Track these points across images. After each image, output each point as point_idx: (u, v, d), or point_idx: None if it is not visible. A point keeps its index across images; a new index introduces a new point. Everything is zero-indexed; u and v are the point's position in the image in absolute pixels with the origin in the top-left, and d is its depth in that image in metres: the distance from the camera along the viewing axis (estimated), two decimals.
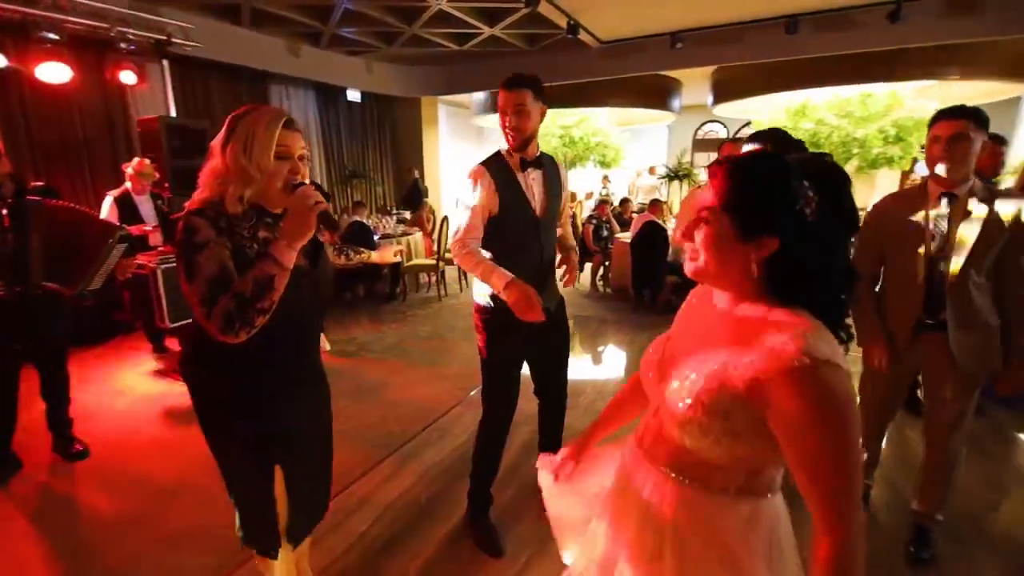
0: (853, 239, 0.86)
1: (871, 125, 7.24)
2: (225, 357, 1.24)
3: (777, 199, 0.75)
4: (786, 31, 5.62)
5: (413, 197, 8.47)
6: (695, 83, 8.49)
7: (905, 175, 8.43)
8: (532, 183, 1.89)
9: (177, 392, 3.47)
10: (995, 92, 7.08)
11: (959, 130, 1.64)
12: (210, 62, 5.70)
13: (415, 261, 6.34)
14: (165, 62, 5.21)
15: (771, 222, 0.75)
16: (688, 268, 0.85)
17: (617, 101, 8.40)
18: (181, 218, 1.16)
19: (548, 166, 1.94)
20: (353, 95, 7.98)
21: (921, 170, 7.84)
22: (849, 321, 0.87)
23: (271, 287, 1.14)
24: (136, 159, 4.02)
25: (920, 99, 7.13)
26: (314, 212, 1.16)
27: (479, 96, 9.21)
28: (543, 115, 1.86)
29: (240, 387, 1.28)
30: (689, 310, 0.98)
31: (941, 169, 1.68)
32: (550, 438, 2.26)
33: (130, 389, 3.53)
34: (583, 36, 6.13)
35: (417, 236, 6.62)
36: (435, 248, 6.07)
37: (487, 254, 1.81)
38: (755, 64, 6.57)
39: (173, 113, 5.32)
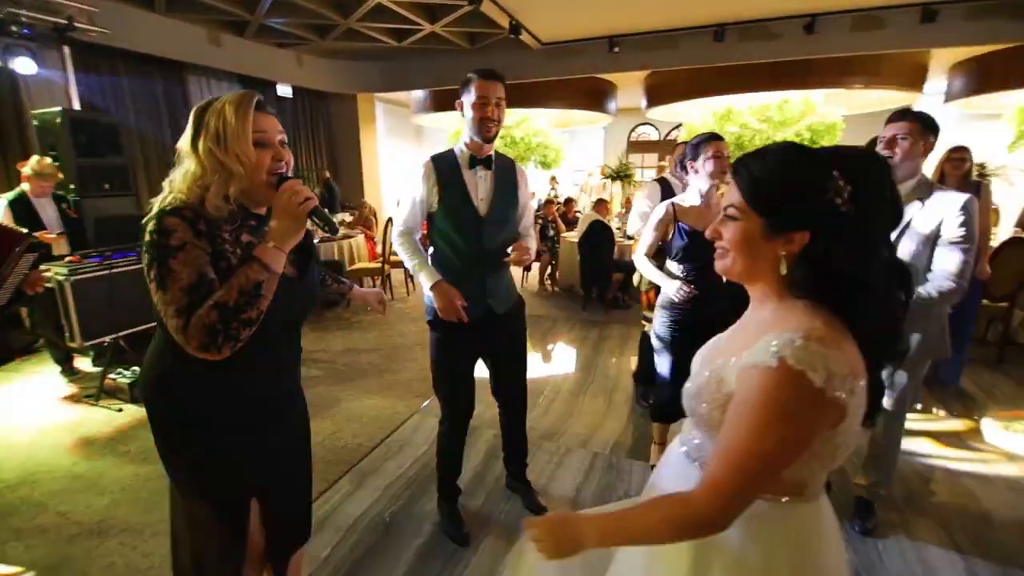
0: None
1: (788, 129, 7.80)
2: (200, 377, 1.08)
3: (804, 191, 0.72)
4: (714, 39, 5.95)
5: (327, 202, 8.01)
6: (629, 87, 8.77)
7: None
8: (479, 181, 1.86)
9: (94, 419, 3.10)
10: (894, 100, 7.86)
11: (897, 132, 1.78)
12: (119, 50, 5.17)
13: (358, 265, 6.09)
14: (66, 49, 4.65)
15: (800, 216, 0.72)
16: (718, 266, 0.83)
17: (556, 103, 8.51)
18: (151, 218, 1.00)
19: (502, 169, 1.91)
20: (283, 90, 7.54)
21: None
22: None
23: (258, 295, 1.01)
24: (34, 157, 3.55)
25: (830, 105, 7.78)
26: (305, 209, 1.05)
27: (418, 94, 9.00)
28: None
29: (218, 411, 1.12)
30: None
31: None
32: (513, 441, 2.26)
33: (36, 419, 3.11)
34: (524, 37, 6.15)
35: (359, 239, 6.36)
36: (379, 250, 5.86)
37: (430, 248, 1.90)
38: (685, 70, 6.89)
39: (77, 106, 4.77)
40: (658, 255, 2.30)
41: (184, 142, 1.07)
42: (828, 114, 7.60)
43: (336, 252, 5.84)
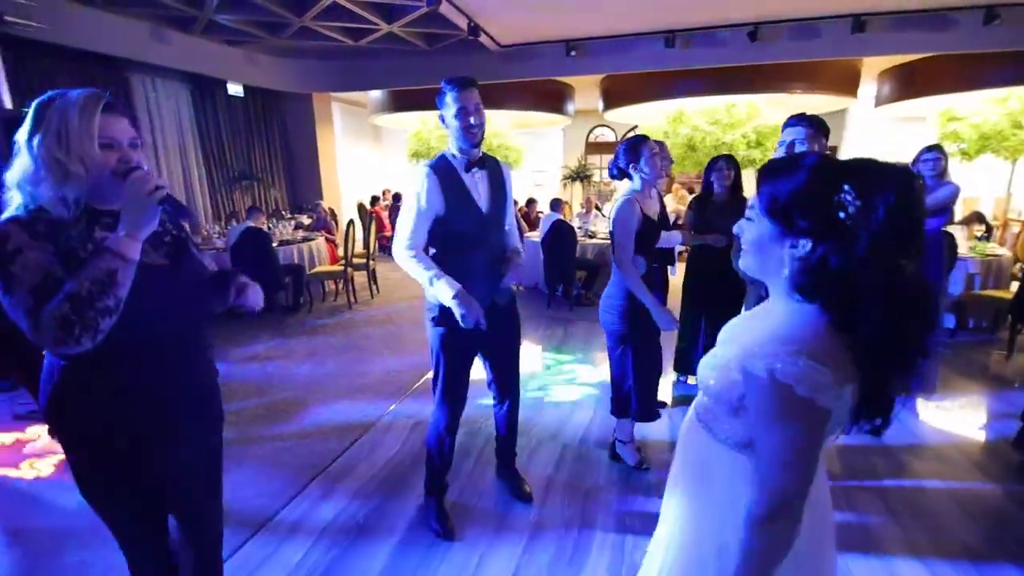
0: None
1: (736, 131, 8.20)
2: (92, 388, 1.08)
3: (809, 201, 0.76)
4: (665, 45, 6.19)
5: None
6: (587, 89, 8.97)
7: None
8: (478, 182, 1.92)
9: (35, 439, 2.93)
10: (831, 104, 8.39)
11: (795, 137, 1.96)
12: (54, 46, 4.88)
13: (319, 268, 5.98)
14: None
15: (802, 224, 0.77)
16: (740, 263, 0.92)
17: (515, 104, 8.60)
18: None
19: (492, 167, 1.98)
20: (234, 89, 7.30)
21: None
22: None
23: (112, 282, 0.99)
24: None
25: (772, 109, 8.22)
26: (154, 197, 1.03)
27: (376, 95, 8.90)
28: None
29: (115, 419, 1.11)
30: None
31: None
32: (510, 432, 2.32)
33: None
34: (483, 39, 6.20)
35: (319, 242, 6.24)
36: (340, 253, 5.77)
37: (431, 250, 1.91)
38: (638, 74, 7.13)
39: (8, 105, 4.47)
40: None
41: (20, 136, 1.02)
42: (770, 118, 8.04)
43: (296, 256, 5.72)
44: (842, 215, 0.73)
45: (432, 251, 1.93)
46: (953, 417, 3.07)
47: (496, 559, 1.97)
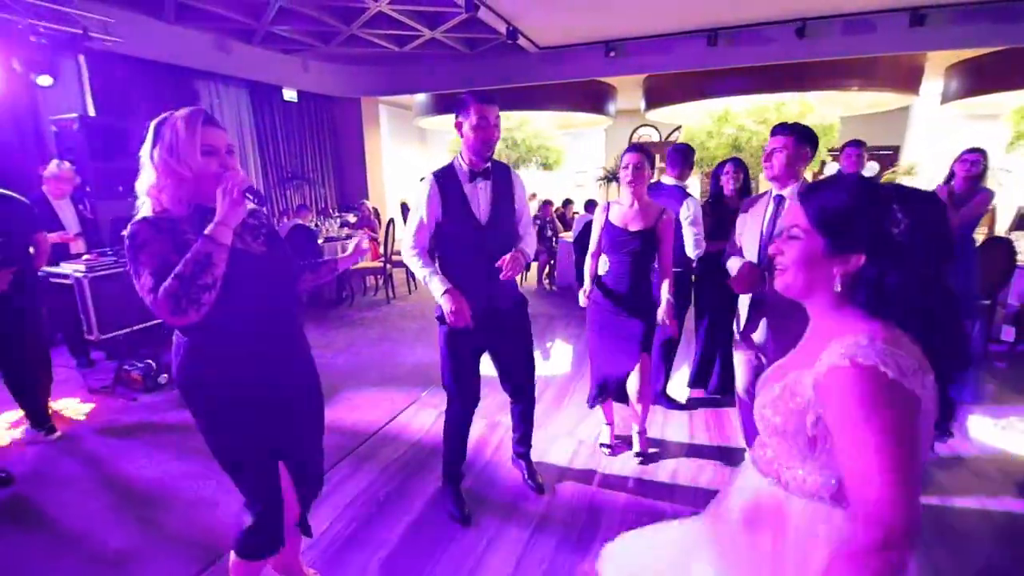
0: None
1: None
2: (209, 354, 1.33)
3: (866, 217, 0.80)
4: (707, 44, 6.07)
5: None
6: (628, 89, 8.90)
7: (816, 176, 9.27)
8: (479, 192, 2.01)
9: (111, 408, 3.29)
10: (890, 102, 7.94)
11: (775, 146, 1.96)
12: (132, 58, 5.38)
13: (361, 264, 6.27)
14: (82, 57, 4.87)
15: (859, 240, 0.80)
16: (777, 283, 0.91)
17: (556, 105, 8.64)
18: (128, 227, 1.23)
19: (499, 177, 2.05)
20: (289, 95, 7.75)
21: (829, 171, 8.65)
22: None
23: (209, 263, 1.18)
24: (54, 162, 3.75)
25: (826, 107, 7.87)
26: (238, 187, 1.23)
27: (421, 98, 9.18)
28: None
29: (229, 381, 1.34)
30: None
31: (767, 175, 2.05)
32: (521, 426, 2.42)
33: (56, 408, 3.30)
34: (522, 42, 6.31)
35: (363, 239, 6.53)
36: (381, 250, 6.04)
37: (438, 253, 2.06)
38: (681, 73, 7.01)
39: (92, 112, 4.98)
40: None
41: (144, 152, 1.26)
42: (825, 116, 7.70)
43: (340, 252, 6.03)
44: (895, 231, 0.78)
45: (437, 253, 2.08)
46: (999, 433, 2.91)
47: (503, 543, 2.07)
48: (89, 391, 3.53)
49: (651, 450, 2.70)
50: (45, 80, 4.32)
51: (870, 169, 7.63)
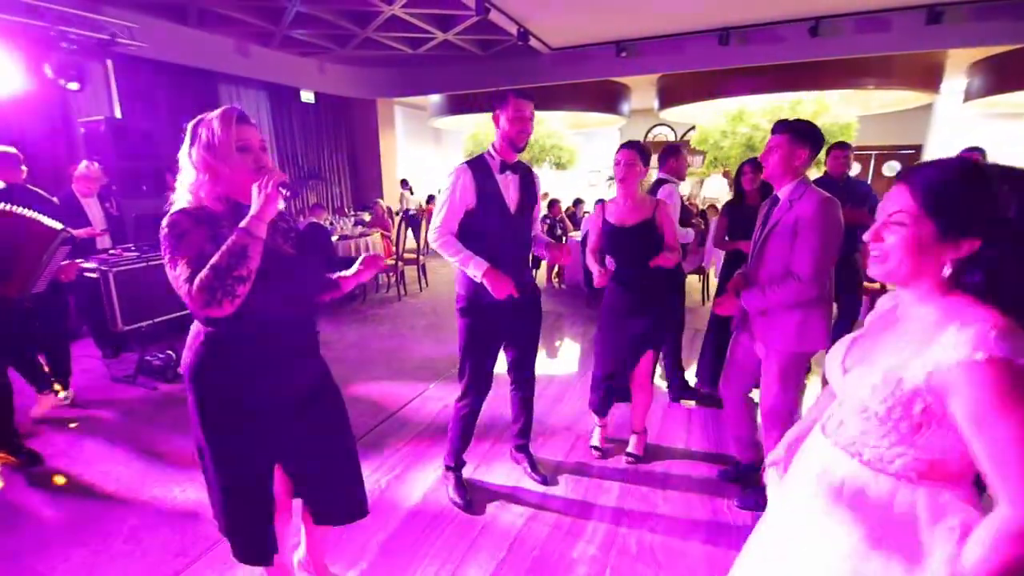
0: None
1: None
2: (225, 347, 1.33)
3: (979, 200, 0.78)
4: (719, 43, 6.06)
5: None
6: (642, 89, 8.90)
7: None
8: (509, 183, 2.13)
9: (132, 398, 3.46)
10: (909, 100, 7.80)
11: (772, 144, 1.98)
12: (156, 62, 5.60)
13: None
14: (109, 62, 5.09)
15: (973, 223, 0.79)
16: (875, 271, 0.88)
17: (569, 105, 8.70)
18: (165, 218, 1.26)
19: (524, 173, 2.18)
20: (307, 96, 7.95)
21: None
22: None
23: (245, 255, 1.20)
24: (84, 162, 3.95)
25: (844, 105, 7.77)
26: (272, 182, 1.25)
27: (435, 98, 9.31)
28: None
29: (240, 382, 1.34)
30: (878, 313, 1.04)
31: (764, 173, 2.08)
32: (526, 416, 2.51)
33: (81, 396, 3.48)
34: (533, 43, 6.38)
35: (375, 236, 6.68)
36: (394, 248, 6.17)
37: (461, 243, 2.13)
38: (694, 72, 7.00)
39: (118, 114, 5.20)
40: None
41: (182, 152, 1.31)
42: (841, 115, 7.61)
43: (354, 249, 6.18)
44: (1012, 215, 0.77)
45: (464, 243, 2.13)
46: None
47: (496, 529, 2.15)
48: (112, 380, 3.71)
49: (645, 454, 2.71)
50: (74, 85, 4.53)
51: (855, 168, 7.45)
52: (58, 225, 2.59)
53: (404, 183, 10.26)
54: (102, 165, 4.13)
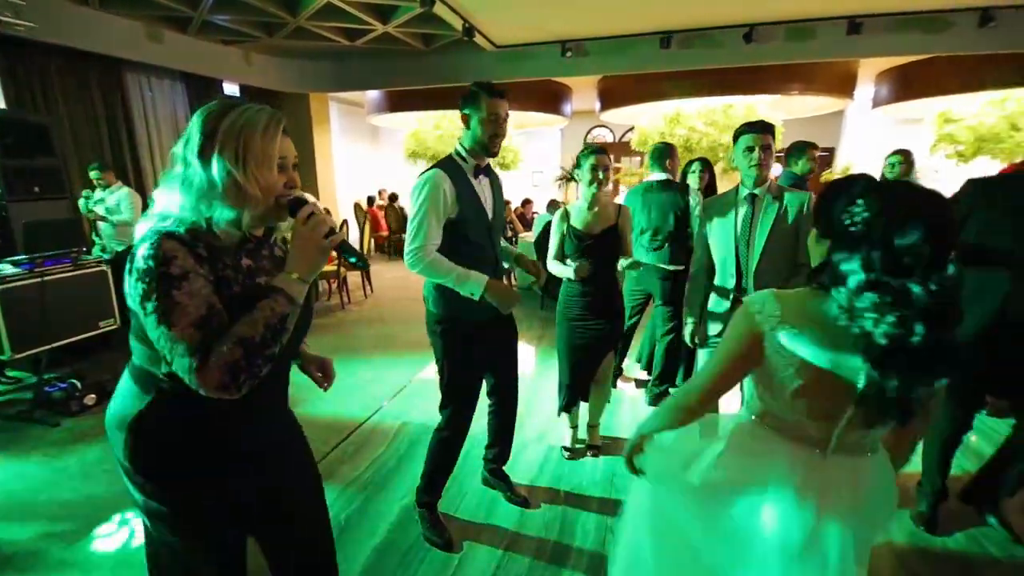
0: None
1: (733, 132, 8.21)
2: (195, 413, 0.97)
3: (829, 210, 0.94)
4: (661, 46, 6.18)
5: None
6: (584, 90, 8.97)
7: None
8: (484, 188, 1.94)
9: (28, 435, 2.94)
10: (827, 106, 8.37)
11: (766, 141, 1.96)
12: (50, 46, 4.88)
13: None
14: None
15: (824, 226, 0.98)
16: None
17: (512, 105, 8.51)
18: (144, 241, 0.89)
19: (493, 175, 2.01)
20: (231, 88, 7.30)
21: (776, 171, 9.02)
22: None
23: (283, 329, 0.92)
24: None
25: (770, 111, 8.21)
26: (333, 243, 0.96)
27: (373, 95, 8.90)
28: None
29: (206, 448, 1.02)
30: None
31: (752, 173, 2.04)
32: (506, 438, 2.33)
33: None
34: (478, 39, 6.20)
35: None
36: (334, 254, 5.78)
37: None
38: (636, 75, 7.12)
39: (3, 104, 4.48)
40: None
41: (190, 151, 0.93)
42: (768, 118, 8.03)
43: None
44: (847, 221, 0.88)
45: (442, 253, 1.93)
46: None
47: (475, 562, 1.98)
48: (2, 419, 3.15)
49: (603, 443, 2.79)
50: None
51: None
52: None
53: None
54: None
